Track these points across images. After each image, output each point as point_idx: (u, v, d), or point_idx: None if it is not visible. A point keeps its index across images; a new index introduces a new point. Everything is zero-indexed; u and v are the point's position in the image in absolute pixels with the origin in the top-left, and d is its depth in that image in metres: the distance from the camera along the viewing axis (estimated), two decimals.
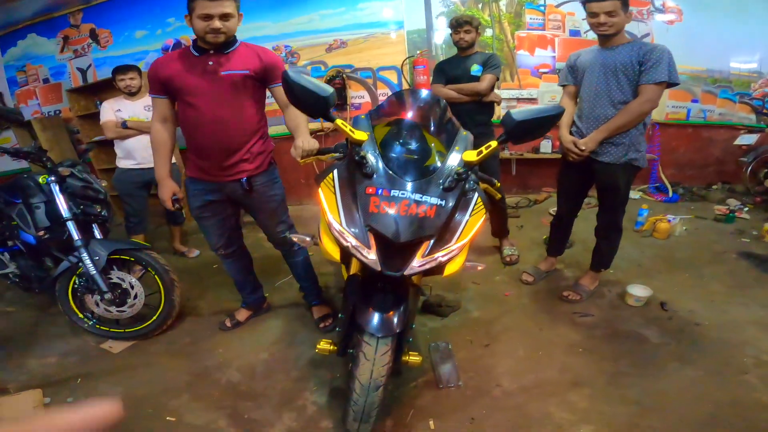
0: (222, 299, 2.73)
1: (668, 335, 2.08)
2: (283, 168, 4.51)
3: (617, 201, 2.22)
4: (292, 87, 1.20)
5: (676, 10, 4.11)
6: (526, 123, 1.20)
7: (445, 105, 1.55)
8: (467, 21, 2.60)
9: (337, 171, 1.31)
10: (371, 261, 1.17)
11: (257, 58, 1.76)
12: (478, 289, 2.60)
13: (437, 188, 1.24)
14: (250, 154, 1.88)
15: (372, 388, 1.29)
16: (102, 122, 3.00)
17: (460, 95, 2.65)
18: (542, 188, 4.49)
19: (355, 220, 1.21)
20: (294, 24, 4.30)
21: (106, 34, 4.59)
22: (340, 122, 1.27)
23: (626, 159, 2.07)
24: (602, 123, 2.05)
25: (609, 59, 1.99)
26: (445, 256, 1.21)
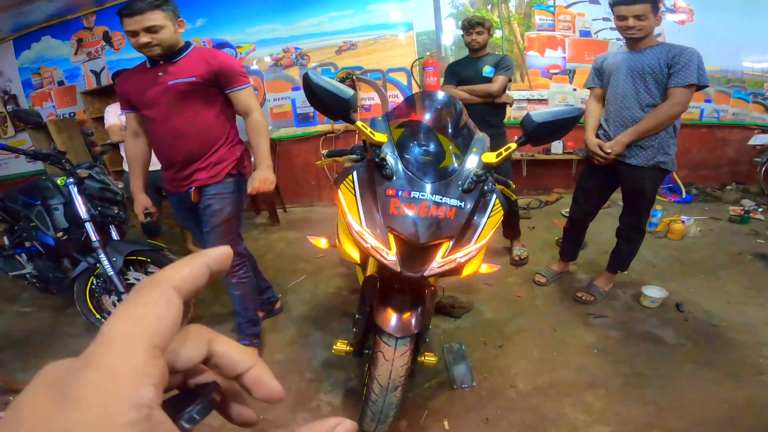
0: None
1: (684, 336, 2.07)
2: (293, 168, 4.66)
3: (643, 204, 2.20)
4: (314, 89, 1.21)
5: (687, 10, 4.08)
6: (546, 125, 1.21)
7: (462, 107, 1.55)
8: (479, 22, 2.60)
9: (357, 173, 1.32)
10: (391, 262, 1.18)
11: (205, 63, 1.66)
12: (491, 290, 2.60)
13: (456, 190, 1.25)
14: (208, 163, 1.80)
15: (390, 389, 1.29)
16: (107, 126, 3.02)
17: (471, 96, 2.65)
18: (553, 189, 4.47)
19: (376, 221, 1.21)
20: (304, 26, 4.33)
21: (119, 37, 4.65)
22: (360, 124, 1.28)
23: (654, 162, 2.05)
24: (630, 126, 2.03)
25: (637, 62, 1.97)
26: (464, 258, 1.21)
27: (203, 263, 0.24)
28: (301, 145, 4.64)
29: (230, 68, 1.72)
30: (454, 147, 1.38)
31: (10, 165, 5.64)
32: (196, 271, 0.23)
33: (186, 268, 0.23)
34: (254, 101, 1.80)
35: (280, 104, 4.56)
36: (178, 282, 0.22)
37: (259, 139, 1.80)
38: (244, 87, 1.76)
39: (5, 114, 5.34)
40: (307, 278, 2.94)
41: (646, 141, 2.03)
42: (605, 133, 2.16)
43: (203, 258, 0.24)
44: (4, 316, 2.85)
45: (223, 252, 0.26)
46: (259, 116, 1.80)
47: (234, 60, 1.82)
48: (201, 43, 4.46)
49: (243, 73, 1.76)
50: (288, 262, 3.26)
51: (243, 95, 1.77)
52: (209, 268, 0.24)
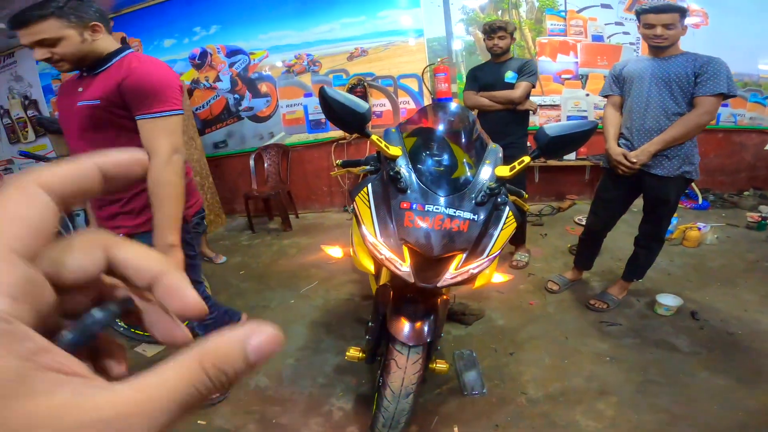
0: (249, 305, 2.79)
1: (699, 344, 2.05)
2: (305, 174, 4.71)
3: (665, 213, 2.18)
4: (330, 103, 1.24)
5: (702, 14, 4.03)
6: (560, 138, 1.23)
7: (474, 119, 1.57)
8: (501, 26, 2.54)
9: (371, 185, 1.34)
10: (405, 273, 1.20)
11: (114, 83, 1.27)
12: (502, 297, 2.60)
13: (470, 203, 1.27)
14: (130, 209, 1.45)
15: (403, 395, 1.32)
16: None
17: (492, 103, 2.61)
18: (566, 196, 4.44)
19: (390, 233, 1.24)
20: (316, 33, 4.38)
21: (136, 43, 4.75)
22: (375, 138, 1.31)
23: (680, 172, 2.03)
24: (655, 135, 2.00)
25: (662, 70, 1.95)
26: (476, 269, 1.24)
27: (92, 163, 0.20)
28: (313, 152, 4.69)
29: (141, 87, 1.28)
30: (467, 157, 1.40)
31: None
32: (77, 171, 0.20)
33: (64, 167, 0.19)
34: (164, 140, 1.30)
35: (292, 110, 4.62)
36: (48, 179, 0.18)
37: (157, 203, 1.30)
38: (152, 116, 1.29)
39: (26, 119, 5.51)
40: (319, 284, 2.97)
41: (672, 150, 2.00)
42: (627, 142, 2.13)
43: (94, 158, 0.20)
44: None
45: (126, 155, 0.22)
46: (162, 165, 1.28)
47: (157, 76, 1.32)
48: (215, 50, 4.56)
49: (162, 97, 1.30)
50: (300, 268, 3.30)
51: (147, 127, 1.30)
52: (99, 169, 0.20)
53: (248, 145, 4.76)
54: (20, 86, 5.38)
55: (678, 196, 2.14)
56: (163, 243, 1.31)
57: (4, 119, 5.65)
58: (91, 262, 0.20)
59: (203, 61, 4.62)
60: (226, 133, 4.81)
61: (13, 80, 5.38)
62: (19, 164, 5.83)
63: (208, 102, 4.72)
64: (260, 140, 4.73)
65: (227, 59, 4.59)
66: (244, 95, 4.65)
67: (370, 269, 1.39)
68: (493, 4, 4.19)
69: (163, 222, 1.31)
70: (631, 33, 4.10)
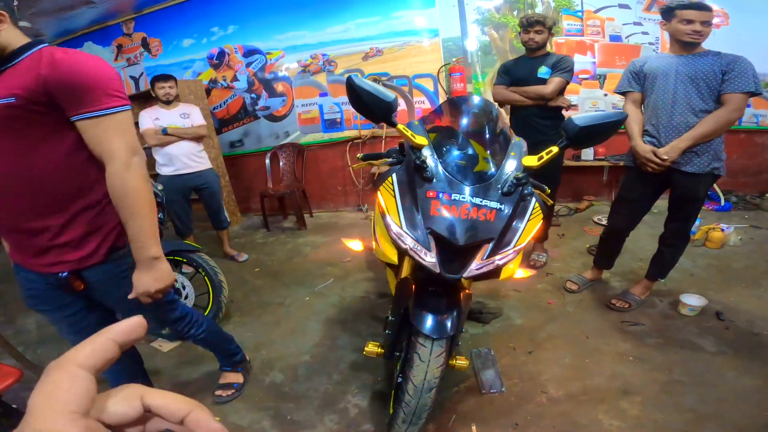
0: (264, 301, 2.80)
1: (725, 345, 2.00)
2: (320, 173, 4.73)
3: (693, 210, 2.14)
4: (359, 93, 1.23)
5: (722, 14, 3.95)
6: (589, 129, 1.20)
7: (497, 112, 1.55)
8: (539, 20, 2.48)
9: (396, 175, 1.33)
10: (430, 263, 1.19)
11: (35, 74, 1.01)
12: (520, 296, 2.56)
13: (496, 192, 1.25)
14: (68, 236, 1.16)
15: (425, 390, 1.29)
16: (142, 131, 3.10)
17: (522, 98, 2.57)
18: (584, 196, 4.38)
19: (416, 223, 1.23)
20: (331, 33, 4.41)
21: (156, 43, 4.85)
22: (401, 127, 1.30)
23: (710, 168, 2.00)
24: (682, 131, 1.97)
25: (689, 67, 1.93)
26: (502, 260, 1.22)
27: (107, 339, 0.28)
28: (328, 151, 4.70)
29: (75, 81, 1.03)
30: (490, 153, 1.38)
31: None
32: (99, 347, 0.27)
33: (88, 347, 0.27)
34: (118, 142, 1.10)
35: (307, 110, 4.65)
36: (81, 360, 0.26)
37: (127, 214, 1.13)
38: (96, 114, 1.06)
39: None
40: (334, 282, 2.97)
41: (701, 147, 1.97)
42: (654, 139, 2.09)
43: (107, 334, 0.28)
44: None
45: (130, 324, 0.29)
46: (122, 171, 1.10)
47: (92, 67, 1.07)
48: (232, 50, 4.61)
49: (104, 91, 1.07)
50: (315, 266, 3.30)
51: (93, 128, 1.08)
52: (115, 343, 0.28)
53: (264, 144, 4.81)
54: None
55: (706, 193, 2.11)
56: (145, 258, 1.15)
57: None
58: (132, 408, 0.27)
59: (221, 60, 4.68)
60: (242, 132, 4.86)
61: None
62: None
63: (225, 101, 4.78)
64: (276, 139, 4.76)
65: (244, 59, 4.64)
66: (260, 95, 4.70)
67: (394, 260, 1.38)
68: (509, 5, 4.17)
69: (140, 235, 1.13)
70: (650, 33, 4.04)
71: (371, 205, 4.65)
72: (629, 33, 4.11)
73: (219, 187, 3.41)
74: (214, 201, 3.36)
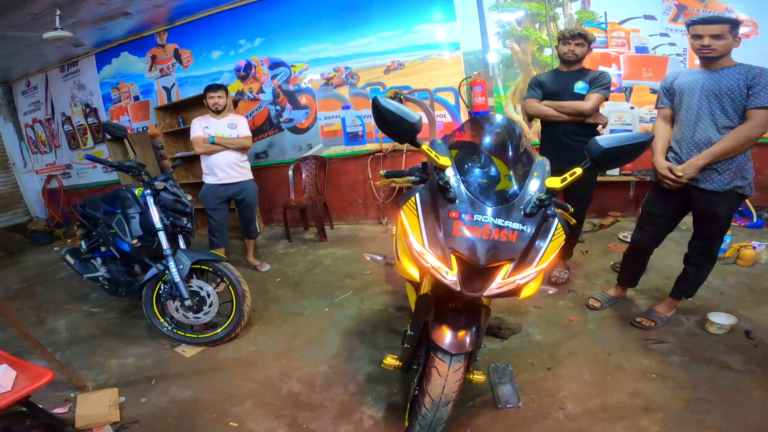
0: (284, 311, 2.85)
1: (753, 363, 1.92)
2: (341, 186, 4.79)
3: (716, 230, 2.07)
4: (384, 113, 1.25)
5: (751, 24, 3.84)
6: (613, 150, 1.18)
7: (521, 131, 1.56)
8: (582, 34, 2.43)
9: (420, 195, 1.35)
10: (452, 282, 1.20)
11: None
12: (540, 313, 2.52)
13: (519, 213, 1.26)
14: None
15: (442, 403, 1.31)
16: (192, 138, 3.25)
17: (558, 114, 2.49)
18: (608, 212, 4.28)
19: (438, 242, 1.24)
20: (353, 46, 4.50)
21: (187, 55, 5.05)
22: (426, 147, 1.32)
23: (731, 186, 1.93)
24: (704, 148, 1.93)
25: (713, 82, 1.90)
26: (523, 280, 1.22)
27: None
28: (350, 164, 4.77)
29: None
30: (513, 172, 1.38)
31: (88, 174, 6.23)
32: None
33: None
34: None
35: (330, 123, 4.73)
36: None
37: None
38: None
39: (86, 126, 5.92)
40: (353, 294, 3.00)
41: (722, 164, 1.91)
42: (676, 155, 2.05)
43: None
44: (74, 314, 3.10)
45: None
46: None
47: None
48: (259, 63, 4.76)
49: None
50: (335, 278, 3.34)
51: None
52: None
53: (288, 156, 4.92)
54: (82, 94, 5.80)
55: (730, 213, 2.03)
56: None
57: (66, 126, 6.09)
58: None
59: (248, 73, 4.84)
60: (267, 144, 4.99)
61: (76, 88, 5.81)
62: (77, 169, 6.26)
63: (252, 113, 4.93)
64: (299, 151, 4.87)
65: (270, 71, 4.78)
66: (284, 107, 4.83)
67: (415, 277, 1.40)
68: (530, 18, 4.17)
69: None
70: (677, 44, 3.96)
71: (392, 218, 4.67)
72: (656, 44, 4.03)
73: (256, 199, 3.53)
74: (249, 211, 3.47)
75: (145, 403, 2.02)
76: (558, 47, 2.55)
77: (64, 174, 6.43)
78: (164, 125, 4.84)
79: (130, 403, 2.01)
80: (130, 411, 1.96)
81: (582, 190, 2.53)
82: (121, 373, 2.28)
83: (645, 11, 3.98)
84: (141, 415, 1.93)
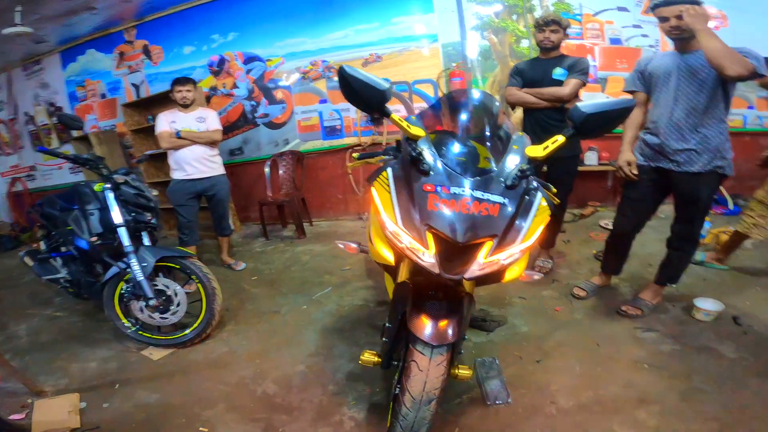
0: (260, 310, 2.72)
1: (745, 350, 1.90)
2: (320, 182, 4.67)
3: (698, 212, 2.06)
4: (351, 82, 1.16)
5: (720, 16, 3.91)
6: (596, 116, 1.13)
7: (499, 108, 1.48)
8: (555, 20, 2.44)
9: (392, 169, 1.25)
10: (429, 264, 1.10)
11: None
12: (526, 304, 2.47)
13: (499, 186, 1.16)
14: None
15: (424, 402, 1.19)
16: (157, 133, 3.09)
17: (538, 100, 2.49)
18: (588, 202, 4.30)
19: (412, 219, 1.14)
20: (330, 39, 4.41)
21: (157, 50, 4.87)
22: (396, 117, 1.22)
23: (712, 167, 1.93)
24: (684, 129, 1.93)
25: (689, 63, 1.89)
26: (507, 259, 1.12)
27: None
28: (328, 158, 4.66)
29: None
30: (492, 151, 1.29)
31: (53, 176, 5.93)
32: None
33: None
34: None
35: (307, 117, 4.62)
36: None
37: None
38: None
39: (51, 126, 5.63)
40: (333, 290, 2.89)
41: (701, 146, 1.91)
42: (655, 137, 2.04)
43: None
44: (36, 319, 2.92)
45: None
46: None
47: None
48: (233, 57, 4.61)
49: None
50: (314, 274, 3.22)
51: None
52: None
53: (264, 152, 4.77)
54: (46, 93, 5.53)
55: (711, 194, 2.02)
56: None
57: (29, 126, 5.79)
58: None
59: (221, 68, 4.68)
60: (242, 140, 4.83)
61: (40, 87, 5.54)
62: (42, 171, 5.95)
63: (225, 109, 4.76)
64: (275, 147, 4.73)
65: (244, 66, 4.64)
66: (260, 102, 4.68)
67: (390, 261, 1.29)
68: (508, 9, 4.15)
69: None
70: (650, 35, 4.01)
71: None
72: (629, 36, 4.08)
73: (228, 194, 3.40)
74: (221, 207, 3.34)
75: (108, 407, 1.89)
76: (535, 35, 2.56)
77: (28, 176, 6.11)
78: (132, 122, 4.63)
79: (92, 409, 1.89)
80: (91, 416, 1.84)
81: (565, 176, 2.53)
82: (83, 377, 2.14)
83: (618, 3, 4.03)
84: (103, 421, 1.80)
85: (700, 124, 1.90)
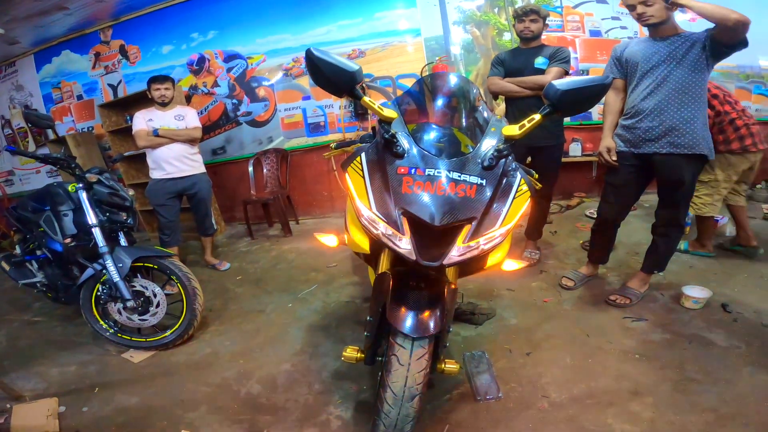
0: (244, 309, 2.65)
1: (736, 338, 1.89)
2: (305, 179, 4.60)
3: (682, 196, 2.05)
4: (319, 64, 1.11)
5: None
6: (571, 93, 1.09)
7: (477, 91, 1.44)
8: (534, 10, 2.45)
9: (365, 153, 1.20)
10: (405, 250, 1.05)
11: None
12: (514, 295, 2.44)
13: (476, 166, 1.12)
14: None
15: (406, 398, 1.14)
16: (134, 131, 3.00)
17: (520, 89, 2.48)
18: (573, 193, 4.30)
19: (387, 204, 1.09)
20: (313, 35, 4.35)
21: (135, 50, 4.74)
22: (367, 100, 1.18)
23: (694, 150, 1.93)
24: (667, 112, 1.93)
25: (667, 48, 1.90)
26: (487, 243, 1.08)
27: None
28: (313, 155, 4.58)
29: None
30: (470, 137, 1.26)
31: (31, 180, 5.75)
32: None
33: None
34: None
35: (290, 114, 4.54)
36: None
37: None
38: None
39: (26, 129, 5.46)
40: (318, 287, 2.83)
41: (683, 127, 1.91)
42: (635, 120, 2.03)
43: None
44: (14, 324, 2.82)
45: None
46: None
47: None
48: (213, 56, 4.51)
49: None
50: (299, 272, 3.16)
51: None
52: None
53: (247, 150, 4.68)
54: (21, 96, 5.35)
55: (694, 177, 2.03)
56: None
57: (5, 129, 5.60)
58: None
59: (201, 66, 4.58)
60: (224, 139, 4.73)
61: (14, 90, 5.36)
62: (20, 175, 5.77)
63: (206, 108, 4.66)
64: (259, 145, 4.64)
65: (225, 64, 4.54)
66: (242, 100, 4.59)
67: (366, 249, 1.24)
68: (489, 2, 4.14)
69: None
70: (628, 27, 4.04)
71: None
72: (608, 27, 4.10)
73: (210, 193, 3.31)
74: (203, 206, 3.25)
75: (87, 411, 1.83)
76: (515, 25, 2.57)
77: (6, 181, 5.91)
78: (110, 123, 4.50)
79: (71, 413, 1.82)
80: (70, 421, 1.78)
81: (549, 164, 2.54)
82: (61, 381, 2.07)
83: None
84: (82, 425, 1.75)
85: (682, 106, 1.90)
